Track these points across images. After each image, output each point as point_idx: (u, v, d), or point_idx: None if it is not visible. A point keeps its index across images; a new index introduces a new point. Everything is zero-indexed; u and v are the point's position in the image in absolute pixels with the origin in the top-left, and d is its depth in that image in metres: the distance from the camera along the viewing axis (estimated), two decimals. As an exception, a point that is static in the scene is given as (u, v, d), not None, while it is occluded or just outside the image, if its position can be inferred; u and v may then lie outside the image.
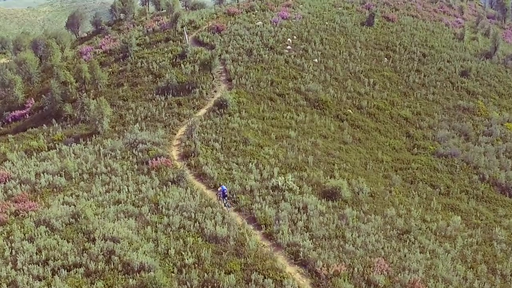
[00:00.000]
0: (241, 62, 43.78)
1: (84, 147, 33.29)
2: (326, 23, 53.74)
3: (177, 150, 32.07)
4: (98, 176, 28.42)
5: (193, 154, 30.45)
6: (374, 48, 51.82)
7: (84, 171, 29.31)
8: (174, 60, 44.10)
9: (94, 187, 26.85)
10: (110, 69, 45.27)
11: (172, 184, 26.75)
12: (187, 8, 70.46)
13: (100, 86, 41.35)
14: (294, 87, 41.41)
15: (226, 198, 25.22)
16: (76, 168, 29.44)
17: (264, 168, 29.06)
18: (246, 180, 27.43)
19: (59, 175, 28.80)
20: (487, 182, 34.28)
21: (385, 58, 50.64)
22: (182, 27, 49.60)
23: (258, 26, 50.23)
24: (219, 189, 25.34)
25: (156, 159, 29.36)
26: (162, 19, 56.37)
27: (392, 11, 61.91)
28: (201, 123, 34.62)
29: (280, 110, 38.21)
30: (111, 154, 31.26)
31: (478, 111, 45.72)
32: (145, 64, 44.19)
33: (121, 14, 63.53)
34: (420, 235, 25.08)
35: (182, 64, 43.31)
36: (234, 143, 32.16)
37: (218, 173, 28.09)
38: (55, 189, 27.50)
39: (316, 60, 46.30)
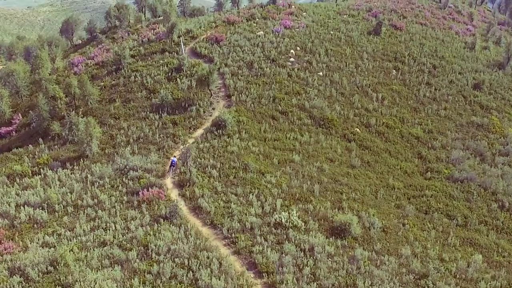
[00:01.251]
0: (241, 76, 41.48)
1: (71, 173, 31.05)
2: (331, 32, 51.42)
3: (171, 176, 29.71)
4: (84, 210, 26.11)
5: (188, 183, 28.15)
6: (382, 60, 49.49)
7: (68, 203, 27.03)
8: (169, 74, 41.80)
9: (78, 224, 24.55)
10: (102, 83, 42.99)
11: (164, 221, 24.43)
12: (185, 14, 68.23)
13: (90, 102, 38.97)
14: (298, 103, 39.10)
15: (173, 167, 29.51)
16: (60, 200, 27.18)
17: (265, 200, 26.76)
18: (246, 215, 25.13)
19: (41, 208, 26.58)
20: (506, 211, 31.98)
21: (394, 70, 48.33)
22: (178, 37, 47.28)
23: (259, 36, 47.92)
24: (171, 158, 30.24)
25: (148, 190, 27.05)
26: (158, 27, 54.10)
27: (400, 19, 59.57)
28: (198, 146, 32.32)
29: (283, 130, 35.89)
30: (99, 183, 28.98)
31: (493, 128, 43.40)
32: (139, 78, 41.89)
33: (116, 21, 61.22)
34: (439, 280, 22.73)
35: (178, 79, 41.02)
36: (233, 169, 29.85)
37: (216, 207, 25.78)
38: (35, 225, 25.24)
39: (321, 73, 43.99)
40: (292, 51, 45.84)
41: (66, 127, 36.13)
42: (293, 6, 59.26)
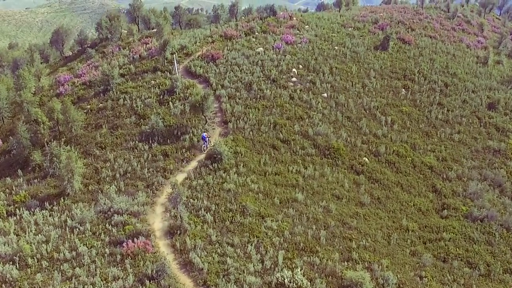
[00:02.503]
0: (239, 99, 38.75)
1: (49, 215, 28.26)
2: (336, 48, 48.70)
3: (160, 221, 27.02)
4: (60, 265, 23.31)
5: (179, 231, 25.38)
6: (390, 78, 46.79)
7: (43, 255, 24.28)
8: (161, 97, 39.08)
9: (51, 286, 21.72)
10: (89, 106, 40.24)
11: (150, 282, 21.64)
12: (180, 26, 65.55)
13: (74, 129, 36.20)
14: (300, 130, 36.35)
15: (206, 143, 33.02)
16: (34, 251, 24.35)
17: (266, 252, 24.07)
18: (243, 273, 22.37)
19: (12, 262, 23.75)
20: (533, 255, 29.14)
21: (403, 90, 45.63)
22: (172, 54, 44.49)
23: (259, 53, 45.19)
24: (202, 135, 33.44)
25: (133, 240, 24.26)
26: (151, 42, 51.42)
27: (408, 32, 56.88)
28: (190, 183, 29.54)
29: (284, 162, 33.13)
30: (79, 229, 26.21)
31: (511, 154, 40.65)
32: (128, 101, 39.14)
33: (108, 33, 58.43)
34: None
35: (170, 102, 38.30)
36: (230, 212, 27.13)
37: (209, 263, 23.05)
38: (3, 285, 22.37)
39: (325, 94, 41.26)
40: (294, 70, 43.11)
41: (47, 158, 33.35)
42: (294, 18, 56.57)
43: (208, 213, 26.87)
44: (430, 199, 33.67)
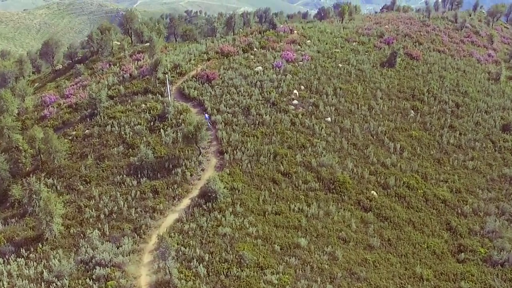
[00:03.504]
0: (236, 125, 36.34)
1: (25, 264, 25.73)
2: (340, 65, 46.31)
3: (147, 273, 24.56)
4: (31, 333, 20.78)
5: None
6: (398, 98, 44.42)
7: (14, 319, 21.69)
8: (152, 123, 36.65)
9: None
10: (74, 132, 37.79)
11: None
12: (175, 37, 63.16)
13: (57, 160, 33.72)
14: (303, 161, 33.91)
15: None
16: (3, 314, 21.82)
17: (265, 315, 21.49)
18: None
19: (-23, 327, 21.18)
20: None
21: (412, 111, 43.26)
22: (164, 73, 42.06)
23: (258, 72, 42.80)
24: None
25: (116, 301, 21.72)
26: (143, 58, 49.04)
27: (415, 46, 54.53)
28: (182, 228, 27.10)
29: (285, 199, 30.70)
30: (56, 284, 23.64)
31: (529, 182, 38.22)
32: (116, 127, 36.69)
33: (99, 47, 55.99)
34: None
35: (162, 129, 35.88)
36: (225, 263, 24.74)
37: (201, 330, 20.47)
38: None
39: (329, 119, 38.87)
40: (295, 91, 40.71)
41: (26, 195, 30.80)
42: (295, 32, 54.22)
43: (201, 265, 24.43)
44: (444, 239, 31.20)
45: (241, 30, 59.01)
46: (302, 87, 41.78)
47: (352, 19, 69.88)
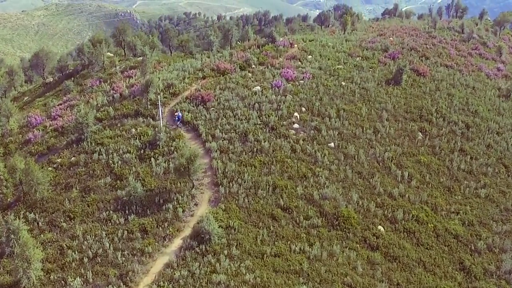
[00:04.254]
0: (233, 153, 34.23)
1: (-2, 318, 23.53)
2: (343, 83, 44.25)
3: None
4: None
5: None
6: (405, 119, 42.36)
7: None
8: (142, 151, 34.55)
9: None
10: (59, 159, 35.69)
11: None
12: (171, 50, 61.12)
13: (39, 193, 31.59)
14: (304, 193, 31.81)
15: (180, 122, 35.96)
16: None
17: None
18: None
19: None
20: None
21: (420, 134, 41.19)
22: (156, 94, 40.01)
23: (256, 93, 40.74)
24: (175, 114, 37.01)
25: None
26: (134, 75, 47.00)
27: (422, 61, 52.52)
28: (172, 275, 24.96)
29: (286, 238, 28.60)
30: None
31: (546, 212, 36.11)
32: (104, 155, 34.59)
33: (90, 61, 53.94)
34: None
35: (152, 158, 33.77)
36: (219, 319, 22.44)
37: None
38: None
39: (332, 144, 36.78)
40: (296, 114, 38.63)
41: (3, 234, 28.64)
42: (295, 46, 52.18)
43: (192, 322, 22.23)
44: (458, 281, 29.05)
45: (238, 43, 56.95)
46: (303, 109, 39.69)
47: (355, 30, 67.98)
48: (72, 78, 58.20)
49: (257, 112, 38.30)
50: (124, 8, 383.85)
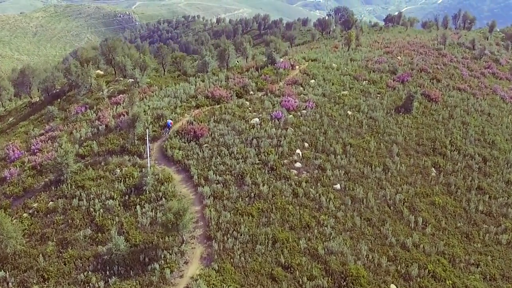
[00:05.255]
0: (227, 199, 31.20)
1: None
2: (349, 112, 41.27)
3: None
4: None
5: None
6: (417, 153, 39.37)
7: None
8: (127, 197, 31.52)
9: None
10: (36, 204, 32.66)
11: None
12: (164, 69, 58.10)
13: (9, 248, 28.51)
14: (308, 247, 28.77)
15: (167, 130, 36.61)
16: None
17: None
18: None
19: None
20: None
21: (433, 170, 38.22)
22: (145, 127, 36.98)
23: (254, 126, 37.72)
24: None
25: None
26: (123, 101, 44.01)
27: (433, 84, 49.57)
28: None
29: (287, 304, 25.44)
30: None
31: None
32: (85, 201, 31.56)
33: (76, 81, 50.95)
34: None
35: (138, 205, 30.68)
36: None
37: None
38: None
39: (338, 186, 33.74)
40: (298, 151, 35.61)
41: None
42: (297, 68, 49.24)
43: None
44: None
45: (237, 62, 53.94)
46: (306, 145, 36.67)
47: (359, 45, 65.02)
48: (59, 100, 55.42)
49: (255, 149, 35.26)
50: (123, 9, 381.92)
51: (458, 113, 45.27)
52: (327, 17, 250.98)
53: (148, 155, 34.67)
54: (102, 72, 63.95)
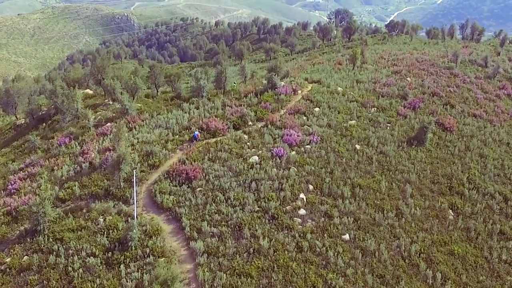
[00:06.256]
0: (223, 256, 28.11)
1: None
2: (357, 147, 38.24)
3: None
4: None
5: None
6: (432, 192, 36.29)
7: None
8: (110, 254, 28.40)
9: None
10: (9, 259, 29.55)
11: None
12: (157, 89, 54.96)
13: (-25, 317, 25.40)
14: (314, 315, 25.56)
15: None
16: None
17: None
18: None
19: None
20: None
21: (450, 211, 35.16)
22: (132, 168, 33.87)
23: (253, 166, 34.63)
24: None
25: None
26: (110, 132, 40.93)
27: (447, 110, 46.53)
28: None
29: None
30: None
31: None
32: (63, 258, 28.47)
33: (61, 111, 47.80)
34: None
35: (122, 264, 27.49)
36: None
37: None
38: None
39: (346, 236, 30.67)
40: (302, 195, 32.51)
41: None
42: (299, 92, 46.16)
43: None
44: None
45: (234, 84, 50.85)
46: (311, 187, 33.55)
47: (365, 62, 61.97)
48: (44, 124, 52.41)
49: (254, 194, 32.12)
50: (121, 11, 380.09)
51: (475, 144, 42.20)
52: (327, 21, 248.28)
53: (135, 201, 31.54)
54: (91, 92, 60.96)
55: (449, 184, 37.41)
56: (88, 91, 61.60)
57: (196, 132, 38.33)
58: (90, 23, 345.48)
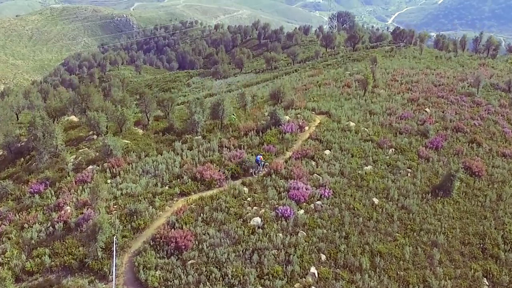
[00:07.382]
0: None
1: None
2: (375, 201, 33.51)
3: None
4: None
5: None
6: (463, 256, 31.53)
7: None
8: None
9: None
10: None
11: None
12: (148, 117, 50.28)
13: None
14: None
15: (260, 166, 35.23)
16: None
17: None
18: None
19: None
20: None
21: (485, 280, 30.38)
22: (112, 234, 29.12)
23: (254, 230, 29.85)
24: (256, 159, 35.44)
25: None
26: (91, 178, 36.23)
27: (472, 149, 41.69)
28: None
29: None
30: None
31: None
32: None
33: (38, 150, 43.12)
34: None
35: None
36: None
37: None
38: None
39: (367, 323, 25.75)
40: (313, 269, 27.73)
41: None
42: (306, 129, 41.48)
43: None
44: None
45: (233, 116, 46.11)
46: (323, 257, 28.75)
47: (376, 86, 57.27)
48: (22, 159, 47.83)
49: (256, 269, 27.31)
50: (120, 12, 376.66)
51: (507, 192, 37.36)
52: (328, 26, 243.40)
53: (114, 278, 26.73)
54: (76, 119, 56.35)
55: (481, 245, 32.60)
56: (73, 118, 57.01)
57: (259, 156, 36.12)
58: (89, 24, 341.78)
